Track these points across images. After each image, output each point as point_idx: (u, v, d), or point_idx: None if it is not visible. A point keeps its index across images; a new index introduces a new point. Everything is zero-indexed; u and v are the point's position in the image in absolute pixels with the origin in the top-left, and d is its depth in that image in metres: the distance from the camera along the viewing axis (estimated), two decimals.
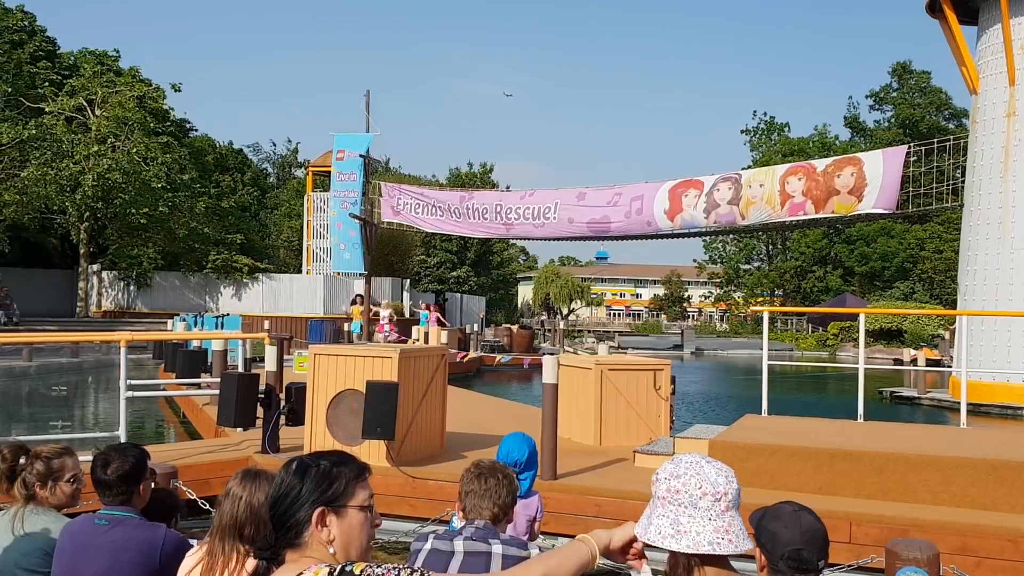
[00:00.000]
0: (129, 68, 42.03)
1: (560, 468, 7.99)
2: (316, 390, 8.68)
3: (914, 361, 23.18)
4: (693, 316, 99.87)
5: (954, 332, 30.93)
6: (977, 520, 6.54)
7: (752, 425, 9.07)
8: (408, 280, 45.21)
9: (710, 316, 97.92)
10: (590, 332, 62.87)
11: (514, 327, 43.35)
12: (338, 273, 35.57)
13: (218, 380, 9.58)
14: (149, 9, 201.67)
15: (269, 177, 67.85)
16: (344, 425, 8.49)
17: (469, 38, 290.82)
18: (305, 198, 41.12)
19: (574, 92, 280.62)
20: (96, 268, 39.64)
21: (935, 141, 19.96)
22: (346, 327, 24.54)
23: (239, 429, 9.91)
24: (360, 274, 28.46)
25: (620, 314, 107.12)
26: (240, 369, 12.28)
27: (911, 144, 19.83)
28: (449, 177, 65.83)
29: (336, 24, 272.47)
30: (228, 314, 31.73)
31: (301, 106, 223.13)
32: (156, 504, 3.55)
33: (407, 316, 35.65)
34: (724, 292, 73.25)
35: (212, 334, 19.92)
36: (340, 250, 25.77)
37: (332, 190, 25.71)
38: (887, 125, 64.93)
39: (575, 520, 7.50)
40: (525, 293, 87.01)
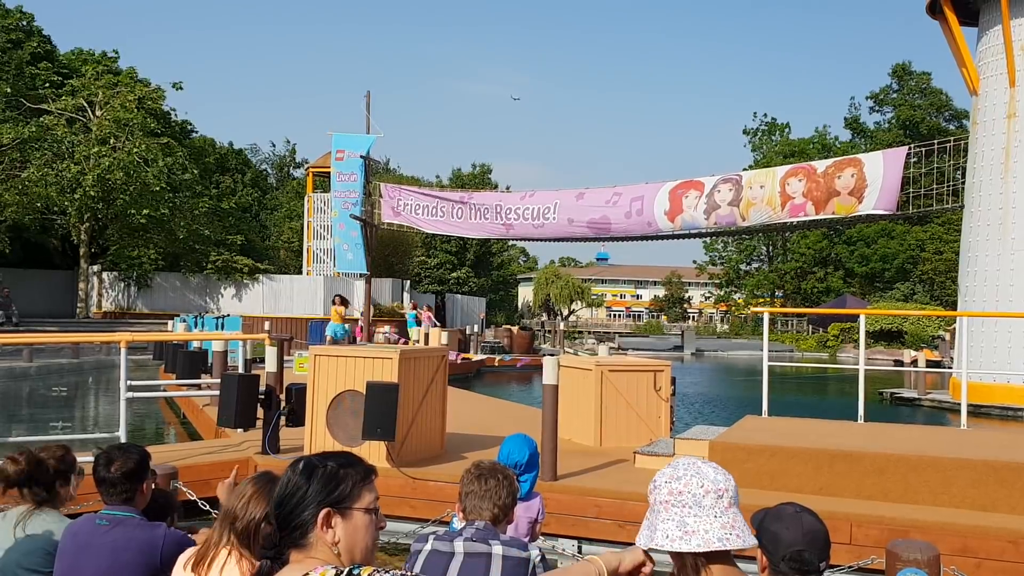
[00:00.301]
0: (127, 69, 42.03)
1: (560, 469, 7.99)
2: (316, 391, 8.68)
3: (914, 362, 23.21)
4: (693, 317, 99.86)
5: (954, 333, 30.96)
6: (978, 521, 6.54)
7: (752, 426, 9.07)
8: (408, 281, 45.25)
9: (710, 317, 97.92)
10: (590, 333, 62.87)
11: (514, 328, 43.38)
12: (339, 274, 35.59)
13: (218, 381, 9.57)
14: (146, 10, 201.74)
15: (268, 178, 67.87)
16: (344, 426, 8.49)
17: (469, 39, 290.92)
18: (305, 199, 41.16)
19: (574, 93, 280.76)
20: (96, 269, 39.65)
21: (935, 142, 19.98)
22: (327, 334, 22.27)
23: (239, 430, 9.92)
24: (361, 275, 28.47)
25: (620, 315, 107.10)
26: (240, 370, 12.29)
27: (911, 145, 19.85)
28: (450, 177, 65.86)
29: (335, 25, 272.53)
30: (228, 315, 31.72)
31: (300, 107, 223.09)
32: (151, 504, 3.55)
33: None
34: (724, 293, 73.24)
35: (212, 335, 19.92)
36: (343, 250, 25.76)
37: (333, 191, 25.66)
38: (887, 126, 64.96)
39: (575, 521, 7.50)
40: (525, 294, 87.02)
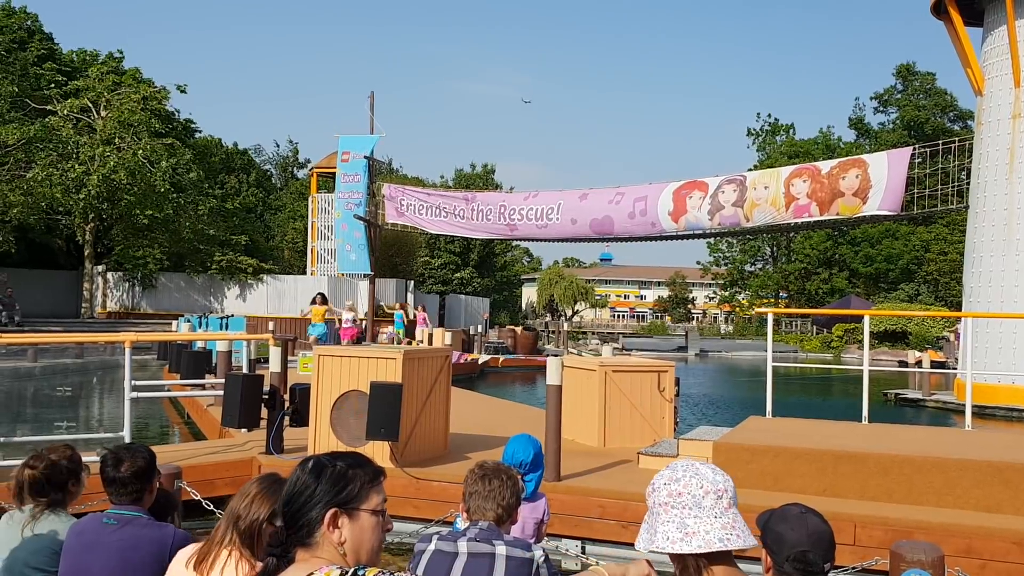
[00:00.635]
0: (130, 69, 42.13)
1: (564, 469, 7.99)
2: (320, 391, 8.69)
3: (919, 363, 23.14)
4: (697, 318, 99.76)
5: (956, 333, 30.89)
6: (982, 522, 6.53)
7: (756, 427, 9.06)
8: (412, 281, 45.29)
9: (714, 318, 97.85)
10: (594, 334, 62.88)
11: (518, 329, 43.40)
12: (342, 274, 35.61)
13: (222, 381, 9.59)
14: (150, 10, 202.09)
15: (272, 178, 67.97)
16: (348, 426, 8.50)
17: (471, 39, 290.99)
18: (309, 200, 41.23)
19: (577, 93, 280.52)
20: (101, 269, 39.74)
21: (940, 143, 19.96)
22: (310, 335, 21.23)
23: (243, 430, 9.93)
24: (365, 275, 28.48)
25: (624, 316, 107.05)
26: (244, 370, 12.32)
27: (916, 146, 19.81)
28: (453, 178, 65.87)
29: (338, 26, 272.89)
30: (233, 315, 31.79)
31: (303, 107, 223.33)
32: (153, 503, 3.56)
33: (410, 317, 35.63)
34: (728, 294, 73.15)
35: (217, 335, 19.95)
36: (346, 251, 25.77)
37: (337, 192, 25.67)
38: (892, 127, 64.87)
39: (579, 521, 7.50)
40: (529, 295, 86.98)
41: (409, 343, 24.52)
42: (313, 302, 21.67)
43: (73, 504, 3.84)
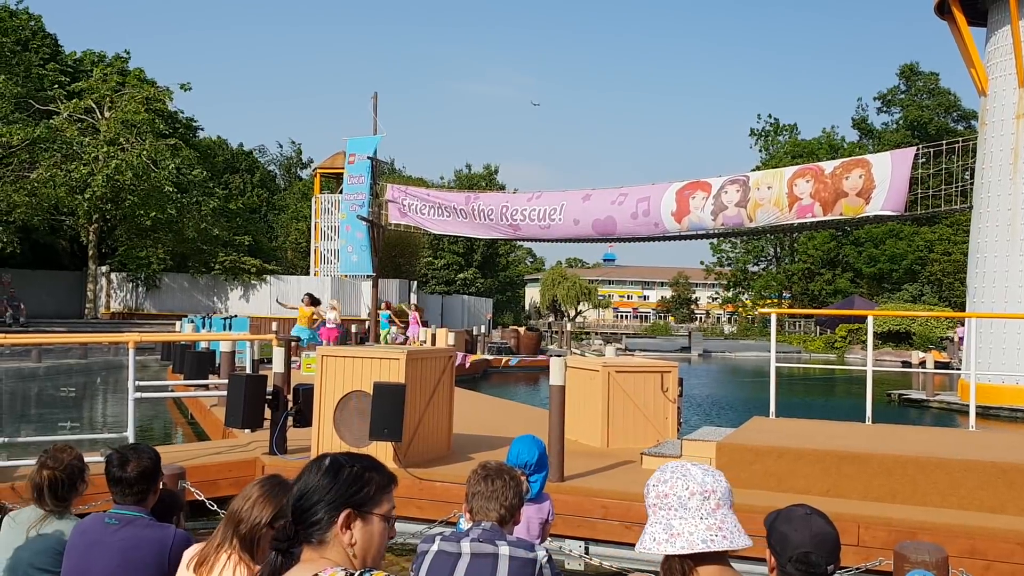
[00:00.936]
0: (134, 70, 42.20)
1: (567, 470, 7.99)
2: (324, 391, 8.69)
3: (923, 363, 23.10)
4: (701, 318, 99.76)
5: (959, 335, 30.82)
6: (986, 523, 6.51)
7: (760, 427, 9.05)
8: (415, 282, 45.31)
9: (718, 318, 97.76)
10: (597, 334, 62.82)
11: (521, 329, 43.34)
12: (345, 276, 35.65)
13: (226, 381, 9.60)
14: (152, 11, 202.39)
15: (276, 179, 68.04)
16: (351, 426, 8.51)
17: (473, 40, 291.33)
18: (313, 200, 41.28)
19: (580, 94, 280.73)
20: (105, 269, 39.80)
21: (944, 143, 19.91)
22: (294, 335, 18.87)
23: (247, 430, 9.94)
24: (368, 276, 28.48)
25: (627, 316, 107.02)
26: (248, 370, 12.33)
27: (920, 146, 19.77)
28: (453, 178, 65.86)
29: (341, 27, 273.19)
30: (236, 315, 31.82)
31: (305, 107, 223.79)
32: (157, 503, 3.56)
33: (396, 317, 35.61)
34: (732, 294, 73.06)
35: (220, 335, 19.94)
36: (347, 252, 25.79)
37: (343, 193, 25.67)
38: (895, 127, 64.77)
39: (581, 522, 7.50)
40: (532, 295, 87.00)
41: (403, 343, 24.48)
42: (302, 302, 20.04)
43: (76, 504, 3.85)
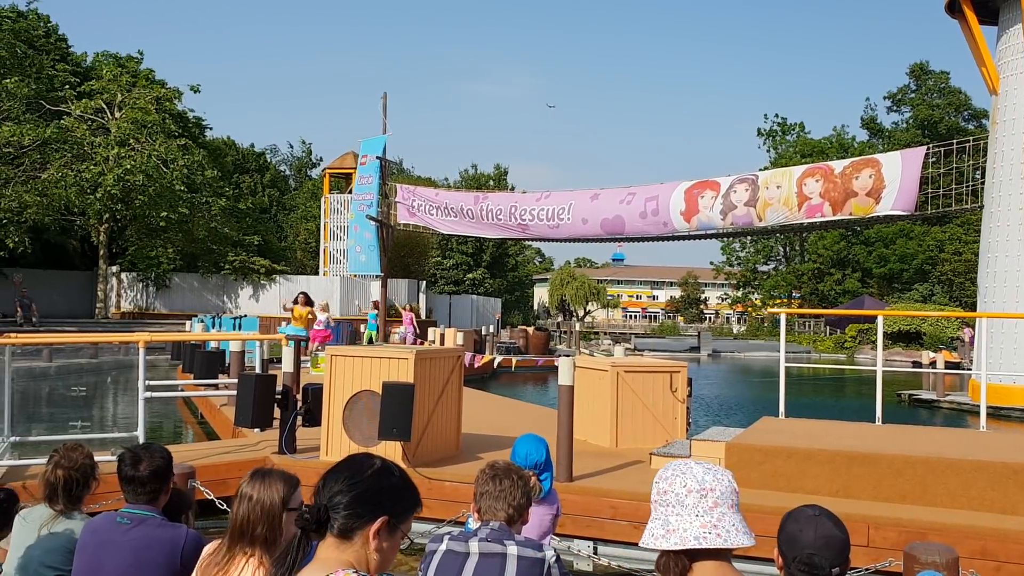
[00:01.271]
0: (144, 70, 42.36)
1: (576, 470, 7.99)
2: (333, 391, 8.72)
3: (933, 364, 23.02)
4: (710, 318, 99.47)
5: (967, 335, 30.69)
6: (997, 524, 6.48)
7: (769, 428, 9.02)
8: (424, 282, 45.36)
9: (727, 318, 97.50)
10: (606, 334, 62.76)
11: (530, 329, 43.35)
12: (354, 275, 35.69)
13: (235, 381, 9.63)
14: (162, 11, 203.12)
15: (287, 179, 68.22)
16: (360, 426, 8.53)
17: (482, 40, 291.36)
18: (322, 200, 41.37)
19: (588, 94, 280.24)
20: (115, 269, 39.96)
21: (954, 142, 19.82)
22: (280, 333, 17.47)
23: (256, 430, 9.98)
24: (377, 276, 28.53)
25: (636, 316, 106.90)
26: (257, 370, 12.37)
27: (930, 145, 19.68)
28: (464, 180, 65.87)
29: (350, 27, 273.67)
30: (246, 315, 31.95)
31: (315, 107, 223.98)
32: (166, 503, 3.58)
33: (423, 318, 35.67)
34: (741, 294, 72.87)
35: (230, 335, 20.03)
36: (356, 252, 25.85)
37: (353, 193, 25.70)
38: (905, 126, 64.46)
39: (590, 522, 7.50)
40: (541, 295, 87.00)
41: (421, 343, 24.50)
42: (295, 302, 18.72)
43: (87, 503, 3.86)
